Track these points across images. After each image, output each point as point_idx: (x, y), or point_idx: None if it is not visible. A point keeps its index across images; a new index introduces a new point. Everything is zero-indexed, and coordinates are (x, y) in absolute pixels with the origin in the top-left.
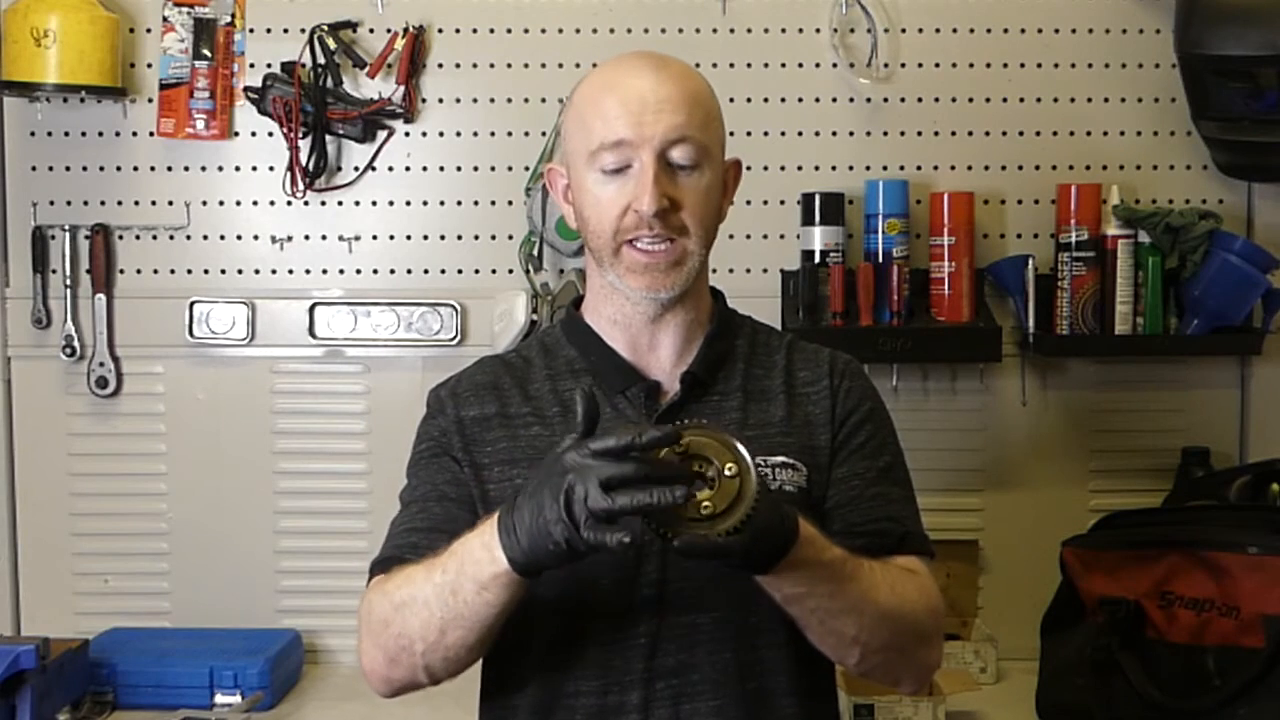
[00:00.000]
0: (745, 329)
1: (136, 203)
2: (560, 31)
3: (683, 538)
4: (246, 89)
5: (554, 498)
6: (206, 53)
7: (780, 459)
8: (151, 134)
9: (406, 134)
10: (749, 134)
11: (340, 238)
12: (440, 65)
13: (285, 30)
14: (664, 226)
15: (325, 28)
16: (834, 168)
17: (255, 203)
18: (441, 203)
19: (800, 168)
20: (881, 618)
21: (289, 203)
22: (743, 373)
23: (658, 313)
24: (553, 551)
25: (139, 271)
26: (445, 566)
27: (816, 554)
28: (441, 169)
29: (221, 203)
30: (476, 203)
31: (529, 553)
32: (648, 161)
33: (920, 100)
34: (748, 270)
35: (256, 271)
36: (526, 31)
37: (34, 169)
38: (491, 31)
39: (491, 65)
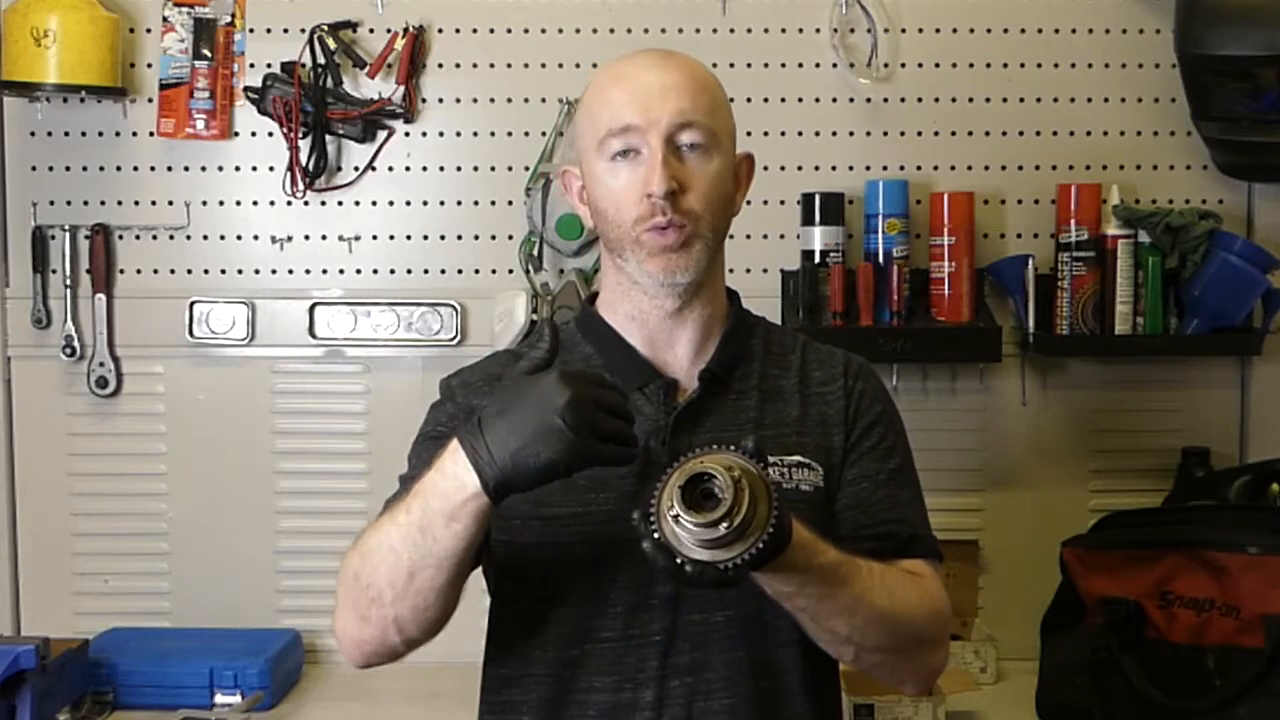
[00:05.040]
0: (760, 328)
1: (136, 203)
2: (560, 31)
3: (693, 566)
4: (246, 89)
5: (553, 414)
6: (206, 53)
7: (796, 458)
8: (151, 134)
9: (406, 134)
10: (749, 134)
11: (340, 238)
12: (440, 65)
13: (285, 30)
14: (674, 210)
15: (325, 28)
16: (834, 168)
17: (255, 203)
18: (441, 203)
19: (800, 168)
20: (875, 620)
21: (289, 203)
22: (759, 372)
23: (675, 305)
24: (539, 467)
25: (139, 271)
26: (409, 507)
27: (807, 558)
28: (441, 169)
29: (221, 203)
30: (476, 203)
31: (510, 472)
32: (656, 145)
33: (920, 100)
34: (748, 270)
35: (256, 271)
36: (526, 31)
37: (34, 169)
38: (491, 31)
39: (491, 65)
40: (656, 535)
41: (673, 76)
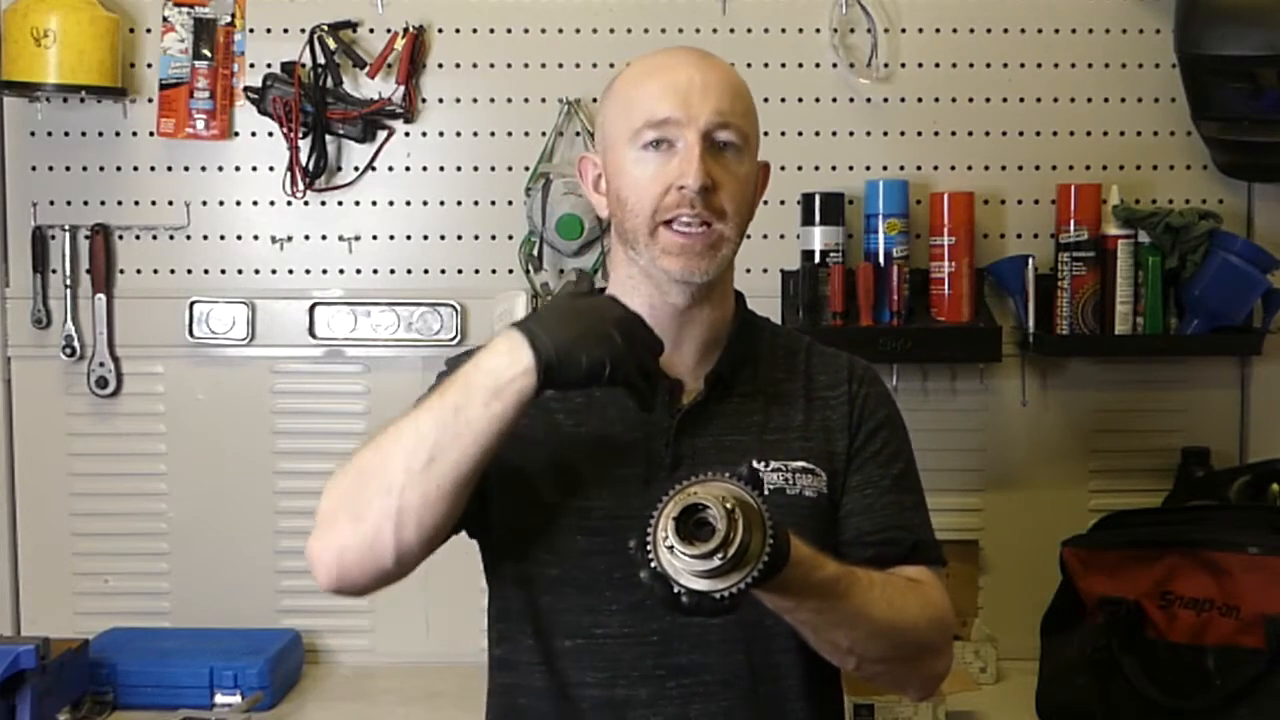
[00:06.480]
0: (765, 331)
1: (136, 203)
2: (560, 31)
3: (689, 596)
4: (246, 89)
5: (608, 323)
6: (206, 53)
7: (800, 464)
8: (151, 134)
9: (406, 134)
10: None
11: (340, 238)
12: (440, 65)
13: (285, 30)
14: (704, 207)
15: (325, 28)
16: (834, 168)
17: (255, 203)
18: (441, 203)
19: (800, 168)
20: (876, 632)
21: (289, 203)
22: (764, 375)
23: (685, 303)
24: (587, 364)
25: (139, 271)
26: (443, 391)
27: (805, 574)
28: (441, 169)
29: (221, 203)
30: (476, 203)
31: (563, 356)
32: (693, 140)
33: (920, 100)
34: (748, 270)
35: (256, 271)
36: (526, 31)
37: (34, 169)
38: (491, 31)
39: (491, 65)
40: (653, 565)
41: (714, 75)
